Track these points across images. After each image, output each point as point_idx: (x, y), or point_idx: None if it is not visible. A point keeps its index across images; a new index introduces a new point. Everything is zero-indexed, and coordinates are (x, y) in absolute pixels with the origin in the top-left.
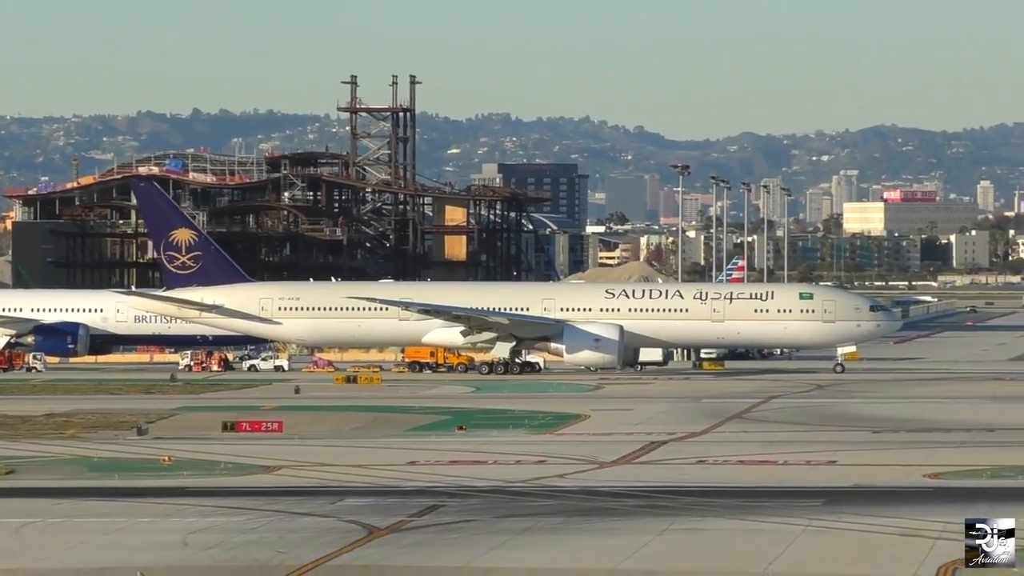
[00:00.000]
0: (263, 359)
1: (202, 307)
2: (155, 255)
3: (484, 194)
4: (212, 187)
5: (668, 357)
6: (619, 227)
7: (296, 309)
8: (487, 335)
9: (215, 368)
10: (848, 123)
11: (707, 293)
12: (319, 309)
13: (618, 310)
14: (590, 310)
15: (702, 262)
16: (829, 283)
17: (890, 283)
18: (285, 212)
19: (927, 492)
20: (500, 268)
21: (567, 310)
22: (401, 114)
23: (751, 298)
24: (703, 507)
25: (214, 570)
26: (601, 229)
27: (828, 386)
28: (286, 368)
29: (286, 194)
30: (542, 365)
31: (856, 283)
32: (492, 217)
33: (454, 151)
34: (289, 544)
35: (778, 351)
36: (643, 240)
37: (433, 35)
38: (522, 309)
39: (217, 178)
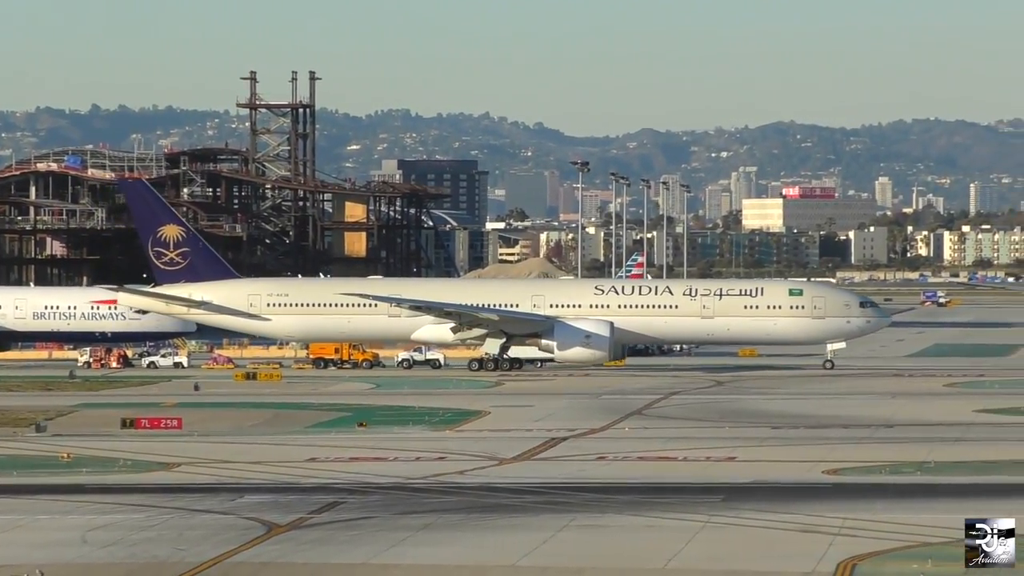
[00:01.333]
0: (162, 356)
1: (190, 303)
2: (145, 251)
3: (384, 190)
4: (111, 183)
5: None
6: (519, 223)
7: (285, 305)
8: (477, 331)
9: (114, 365)
10: (747, 120)
11: (697, 290)
12: (308, 305)
13: (608, 306)
14: (579, 306)
15: (602, 258)
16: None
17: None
18: (184, 208)
19: (826, 488)
20: (400, 264)
21: (556, 306)
22: (301, 110)
23: (741, 294)
24: (603, 503)
25: (113, 568)
26: (501, 225)
27: (728, 382)
28: (185, 365)
29: (185, 190)
30: (441, 362)
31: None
32: (392, 213)
33: (354, 147)
34: (188, 541)
35: (678, 347)
36: (543, 237)
37: (333, 31)
38: (511, 305)
39: (116, 174)
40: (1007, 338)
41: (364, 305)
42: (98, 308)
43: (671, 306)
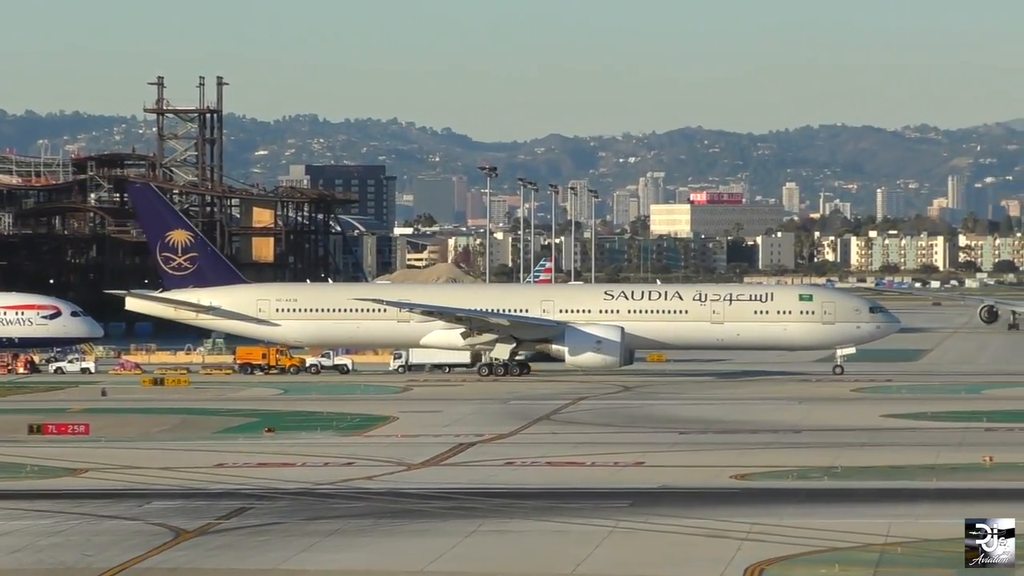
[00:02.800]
0: (69, 361)
1: (199, 308)
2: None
3: (292, 196)
4: (17, 189)
5: (477, 358)
6: (427, 229)
7: (294, 310)
8: (487, 336)
9: (21, 370)
10: (655, 125)
11: (706, 295)
12: (317, 310)
13: (617, 311)
14: (589, 311)
15: (510, 263)
16: (825, 283)
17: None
18: (91, 214)
19: (734, 493)
20: (308, 270)
21: (566, 311)
22: (208, 115)
23: (751, 299)
24: (511, 508)
25: (20, 573)
26: (409, 231)
27: (636, 387)
28: (93, 371)
29: (92, 196)
30: (350, 367)
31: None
32: (300, 219)
33: (262, 152)
34: (96, 547)
35: None
36: (451, 242)
37: (240, 36)
38: (521, 311)
39: (22, 180)
40: (914, 343)
41: (373, 310)
42: (5, 314)
43: (681, 311)
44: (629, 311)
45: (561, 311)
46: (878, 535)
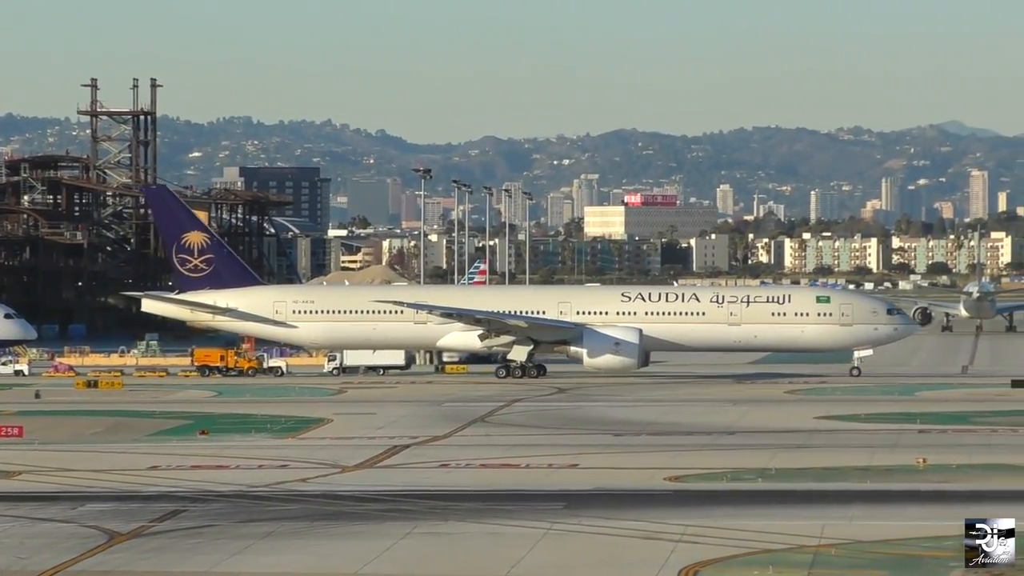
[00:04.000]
0: (3, 364)
1: (215, 310)
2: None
3: (225, 198)
4: None
5: (411, 361)
6: (361, 231)
7: (311, 312)
8: (505, 338)
9: None
10: (589, 127)
11: (724, 296)
12: (334, 312)
13: (634, 313)
14: (606, 313)
15: (444, 266)
16: (842, 285)
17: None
18: (25, 216)
19: (668, 495)
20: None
21: (583, 313)
22: (142, 117)
23: (768, 301)
24: (445, 511)
25: None
26: (343, 233)
27: (570, 389)
28: (26, 372)
29: (26, 197)
30: (284, 370)
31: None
32: (233, 221)
33: (195, 154)
34: (29, 550)
35: None
36: (385, 244)
37: (174, 37)
38: (538, 312)
39: None
40: None
41: (390, 312)
42: None
43: (698, 313)
44: (646, 313)
45: (578, 313)
46: (812, 536)
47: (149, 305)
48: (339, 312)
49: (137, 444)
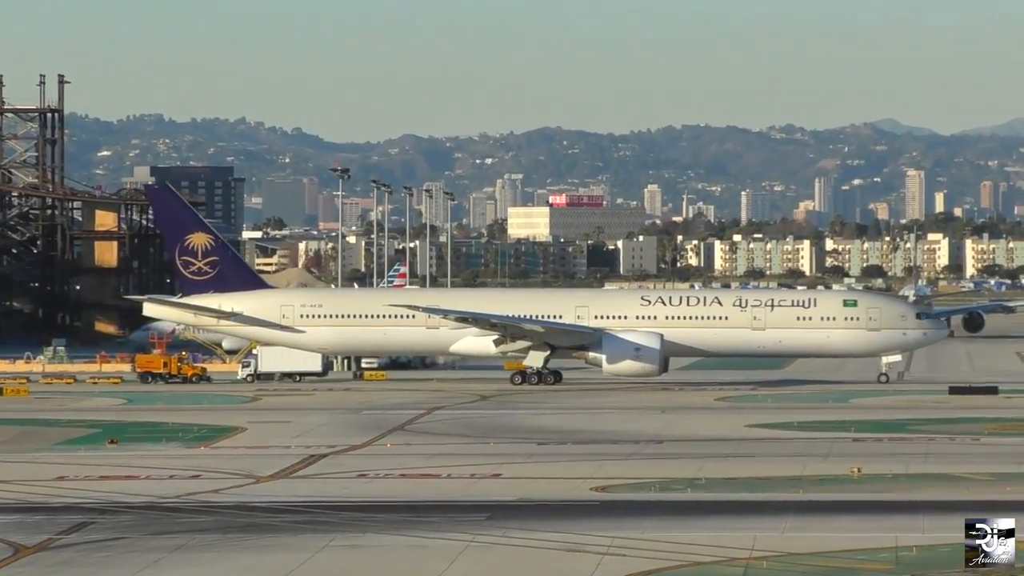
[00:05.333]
0: None
1: (220, 314)
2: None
3: (136, 198)
4: None
5: (328, 367)
6: (277, 233)
7: (319, 316)
8: (521, 344)
9: None
10: (512, 125)
11: (747, 300)
12: (344, 316)
13: (655, 317)
14: (625, 318)
15: (363, 268)
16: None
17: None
18: None
19: (594, 506)
20: (153, 275)
21: (601, 318)
22: (49, 115)
23: (793, 305)
24: (364, 522)
25: None
26: (258, 235)
27: (493, 397)
28: None
29: None
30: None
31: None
32: (144, 222)
33: (105, 153)
34: None
35: (441, 360)
36: (302, 246)
37: (82, 32)
38: (555, 317)
39: None
40: None
41: (401, 316)
42: None
43: (721, 317)
44: (667, 317)
45: (596, 317)
46: (743, 548)
47: (151, 309)
48: (349, 317)
49: (43, 453)
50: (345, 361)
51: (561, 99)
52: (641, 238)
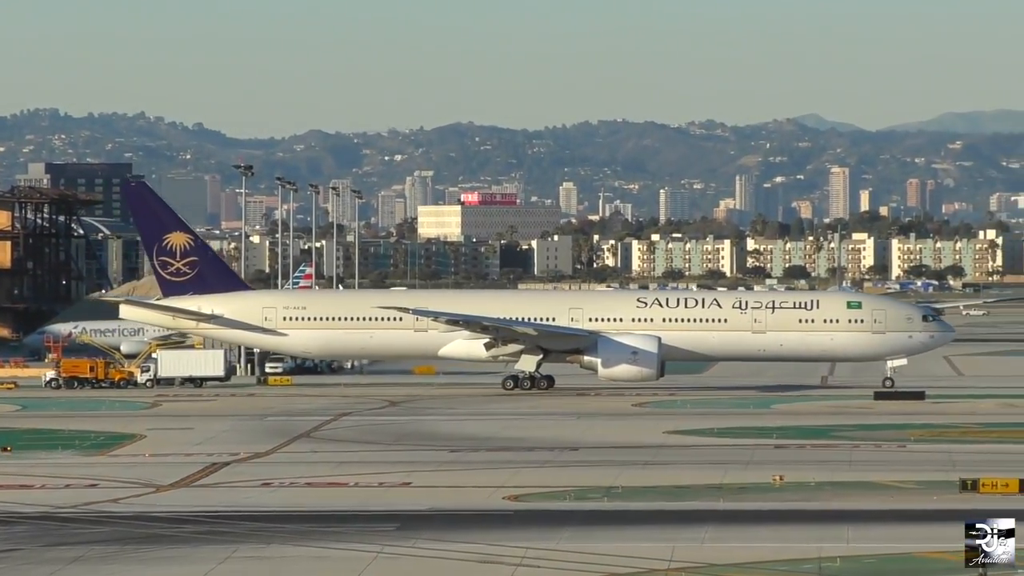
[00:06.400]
0: None
1: (200, 317)
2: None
3: (30, 196)
4: None
5: (231, 372)
6: None
7: (302, 319)
8: (513, 347)
9: None
10: (422, 120)
11: (747, 302)
12: (327, 319)
13: (651, 320)
14: (621, 320)
15: (267, 269)
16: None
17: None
18: None
19: (507, 515)
20: (48, 276)
21: (596, 320)
22: None
23: (795, 307)
24: (269, 533)
25: None
26: None
27: (403, 402)
28: None
29: None
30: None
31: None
32: (39, 221)
33: None
34: None
35: (349, 365)
36: None
37: None
38: (548, 319)
39: None
40: None
41: (388, 319)
42: None
43: (720, 320)
44: (664, 320)
45: (591, 320)
46: (661, 559)
47: (128, 311)
48: (333, 319)
49: None
50: (249, 365)
51: (473, 94)
52: (556, 238)
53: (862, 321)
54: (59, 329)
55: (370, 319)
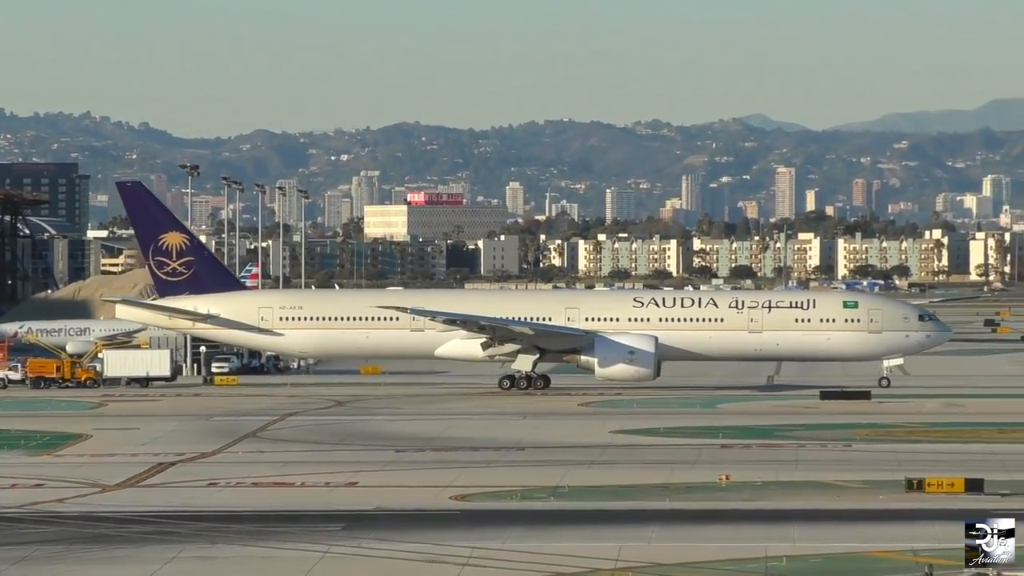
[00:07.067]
0: None
1: (196, 317)
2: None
3: None
4: None
5: (177, 371)
6: (124, 232)
7: (299, 319)
8: (510, 347)
9: None
10: (369, 120)
11: (743, 301)
12: (324, 319)
13: (648, 320)
14: (617, 320)
15: None
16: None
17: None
18: None
19: (454, 515)
20: None
21: (592, 320)
22: None
23: (791, 307)
24: (215, 533)
25: None
26: (104, 234)
27: (349, 402)
28: None
29: None
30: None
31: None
32: None
33: None
34: None
35: (295, 365)
36: None
37: None
38: (544, 319)
39: None
40: None
41: (384, 319)
42: None
43: (716, 320)
44: (661, 319)
45: (587, 319)
46: (608, 559)
47: (124, 311)
48: (330, 319)
49: None
50: (195, 365)
51: (419, 93)
52: (502, 237)
53: (858, 321)
54: (5, 329)
55: (367, 319)
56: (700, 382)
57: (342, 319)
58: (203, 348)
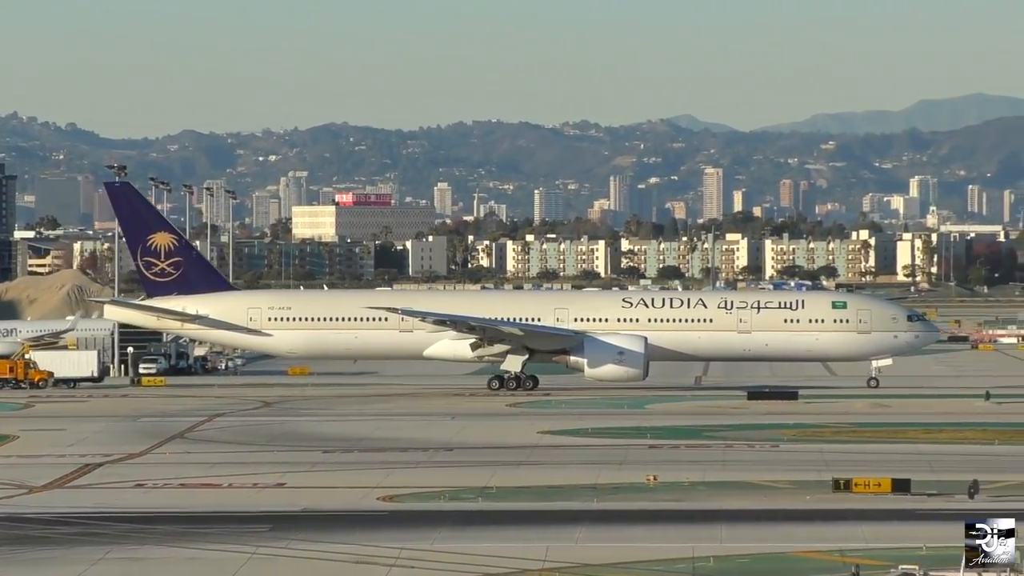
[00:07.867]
0: None
1: (185, 317)
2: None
3: None
4: None
5: (104, 372)
6: (51, 232)
7: (287, 320)
8: (499, 348)
9: None
10: (297, 121)
11: (732, 302)
12: (312, 319)
13: (637, 320)
14: (606, 320)
15: None
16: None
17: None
18: None
19: (381, 516)
20: None
21: (582, 320)
22: None
23: (780, 307)
24: (142, 534)
25: None
26: (31, 234)
27: (277, 403)
28: None
29: None
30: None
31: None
32: None
33: None
34: None
35: (223, 366)
36: (77, 246)
37: None
38: (533, 319)
39: None
40: None
41: (373, 319)
42: None
43: (705, 320)
44: (650, 320)
45: (576, 320)
46: (535, 560)
47: (112, 312)
48: (318, 320)
49: None
50: (122, 366)
51: (347, 94)
52: (431, 238)
53: (847, 321)
54: None
55: (355, 319)
56: (629, 383)
57: (331, 320)
58: (130, 349)
